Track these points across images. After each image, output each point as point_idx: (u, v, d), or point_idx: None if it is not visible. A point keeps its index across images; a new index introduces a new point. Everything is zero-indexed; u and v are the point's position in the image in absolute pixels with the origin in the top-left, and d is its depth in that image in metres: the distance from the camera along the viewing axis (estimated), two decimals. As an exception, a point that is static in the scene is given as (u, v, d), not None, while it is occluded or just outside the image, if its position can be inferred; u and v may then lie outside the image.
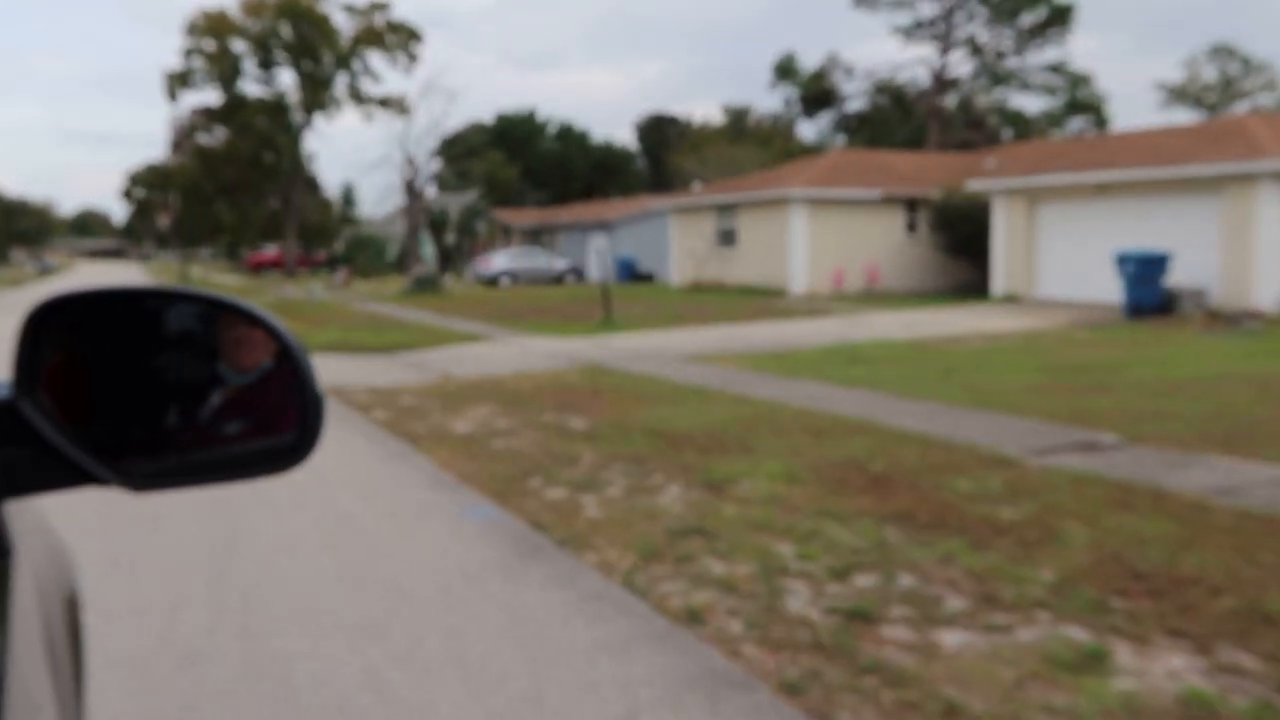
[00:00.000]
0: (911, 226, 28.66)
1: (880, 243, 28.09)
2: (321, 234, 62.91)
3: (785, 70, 63.73)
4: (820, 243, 27.45)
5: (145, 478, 1.23)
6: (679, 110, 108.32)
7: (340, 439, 9.05)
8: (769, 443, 8.46)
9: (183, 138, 77.04)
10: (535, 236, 53.81)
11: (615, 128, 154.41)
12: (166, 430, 1.25)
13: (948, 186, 26.53)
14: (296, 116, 59.71)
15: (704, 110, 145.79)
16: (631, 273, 43.84)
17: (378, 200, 61.74)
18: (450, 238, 61.95)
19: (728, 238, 30.53)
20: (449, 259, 64.19)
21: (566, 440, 8.81)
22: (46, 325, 1.23)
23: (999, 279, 23.75)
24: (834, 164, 29.61)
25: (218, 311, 1.29)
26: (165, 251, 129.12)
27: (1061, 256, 22.17)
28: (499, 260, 44.06)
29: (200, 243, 74.58)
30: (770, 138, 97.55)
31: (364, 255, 56.03)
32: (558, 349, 16.80)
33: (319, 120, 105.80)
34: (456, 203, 63.61)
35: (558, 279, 44.86)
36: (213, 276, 62.93)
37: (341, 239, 66.25)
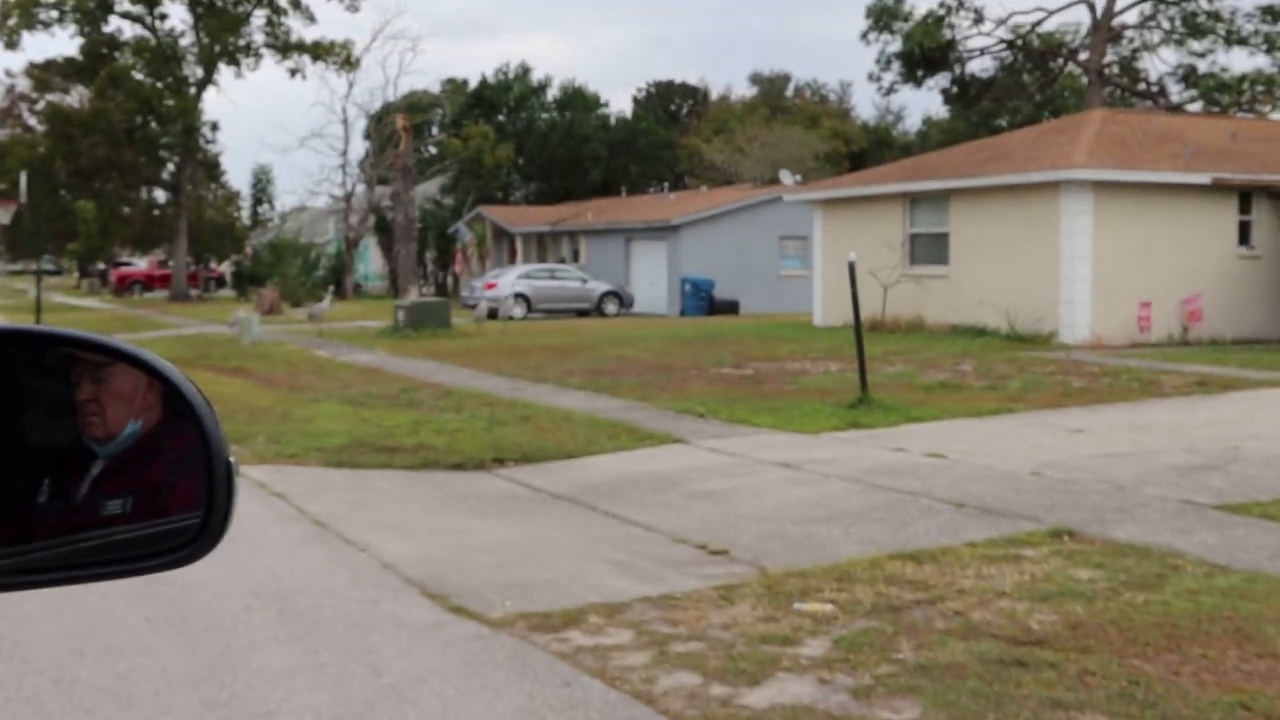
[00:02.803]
0: (1244, 234, 22.76)
1: (1202, 259, 22.13)
2: (223, 238, 56.36)
3: (886, 14, 58.06)
4: (1111, 257, 21.45)
5: (8, 574, 1.21)
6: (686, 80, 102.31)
7: None
8: None
9: (17, 102, 70.22)
10: (543, 245, 47.64)
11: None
12: (32, 511, 1.24)
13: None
14: (192, 70, 53.40)
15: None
16: (706, 301, 37.79)
17: (312, 190, 55.47)
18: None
19: (931, 248, 24.47)
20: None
21: None
22: None
23: None
24: (1111, 131, 23.64)
25: (89, 355, 1.27)
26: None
27: None
28: (509, 280, 37.86)
29: (48, 249, 67.69)
30: (818, 116, 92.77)
31: (288, 270, 49.60)
32: (850, 463, 10.70)
33: (224, 78, 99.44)
34: (415, 196, 57.29)
35: (593, 307, 38.75)
36: (59, 299, 56.15)
37: (249, 246, 59.75)
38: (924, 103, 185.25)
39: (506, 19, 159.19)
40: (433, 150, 59.00)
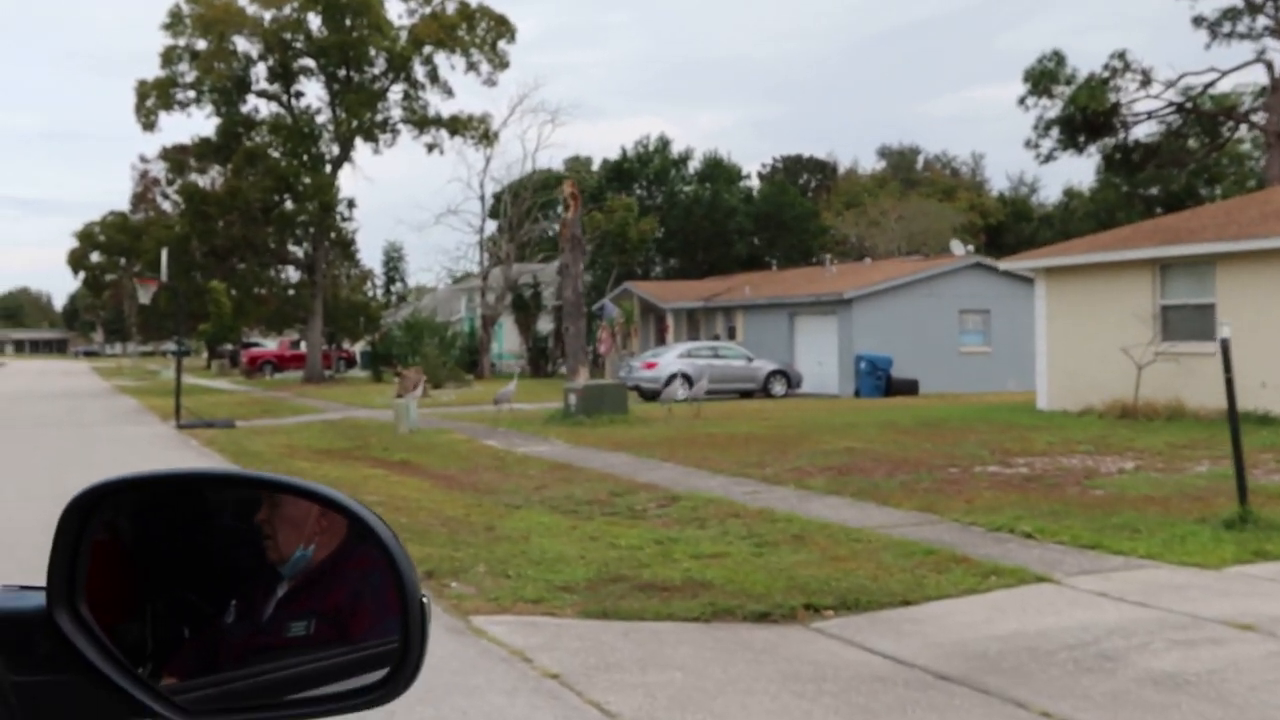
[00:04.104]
0: None
1: None
2: (357, 317, 54.49)
3: (1046, 77, 54.66)
4: None
5: (205, 711, 1.21)
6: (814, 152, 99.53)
7: None
8: None
9: (151, 187, 69.72)
10: (694, 322, 44.84)
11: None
12: (220, 632, 1.24)
13: None
14: (328, 148, 51.88)
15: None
16: (884, 380, 34.50)
17: (449, 268, 53.50)
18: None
19: (1190, 321, 21.03)
20: (544, 356, 55.46)
21: None
22: (87, 519, 1.23)
23: None
24: None
25: (277, 492, 1.29)
26: (119, 343, 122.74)
27: None
28: (670, 359, 35.00)
29: (179, 330, 66.69)
30: (952, 189, 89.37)
31: (428, 350, 47.37)
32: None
33: (360, 154, 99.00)
34: (548, 273, 55.19)
35: (759, 387, 35.68)
36: (191, 380, 54.63)
37: (381, 325, 57.88)
38: (1063, 173, 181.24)
39: (614, 103, 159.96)
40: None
